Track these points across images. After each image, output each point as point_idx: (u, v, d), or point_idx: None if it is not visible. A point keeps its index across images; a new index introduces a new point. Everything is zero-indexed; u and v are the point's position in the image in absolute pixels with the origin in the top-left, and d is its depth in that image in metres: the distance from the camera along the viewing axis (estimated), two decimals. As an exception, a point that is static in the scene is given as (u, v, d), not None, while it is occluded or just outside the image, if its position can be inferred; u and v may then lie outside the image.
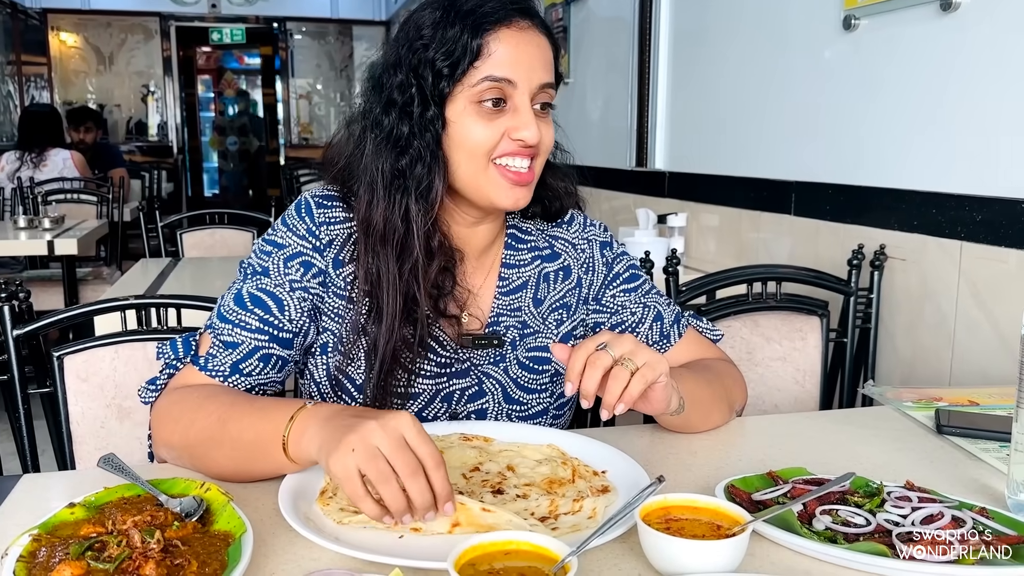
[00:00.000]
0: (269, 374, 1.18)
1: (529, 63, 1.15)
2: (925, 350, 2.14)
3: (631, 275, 1.38)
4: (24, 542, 0.80)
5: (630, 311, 1.35)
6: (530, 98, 1.15)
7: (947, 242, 2.04)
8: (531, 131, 1.14)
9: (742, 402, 1.38)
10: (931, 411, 1.37)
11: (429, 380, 1.25)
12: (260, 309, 1.17)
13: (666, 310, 1.36)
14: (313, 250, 1.21)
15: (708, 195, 3.21)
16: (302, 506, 0.95)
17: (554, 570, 0.75)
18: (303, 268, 1.20)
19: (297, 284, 1.19)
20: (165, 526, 0.83)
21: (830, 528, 0.90)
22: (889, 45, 2.23)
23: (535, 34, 1.17)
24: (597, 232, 1.39)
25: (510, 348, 1.28)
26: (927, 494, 0.97)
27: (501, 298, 1.30)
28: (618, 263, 1.38)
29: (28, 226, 4.18)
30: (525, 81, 1.14)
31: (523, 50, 1.15)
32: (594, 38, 4.31)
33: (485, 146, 1.14)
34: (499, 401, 1.28)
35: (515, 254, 1.33)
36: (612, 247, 1.39)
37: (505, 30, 1.14)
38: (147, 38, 10.13)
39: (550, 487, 1.02)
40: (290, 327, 1.19)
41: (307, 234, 1.21)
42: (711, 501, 0.89)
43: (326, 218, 1.22)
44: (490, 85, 1.13)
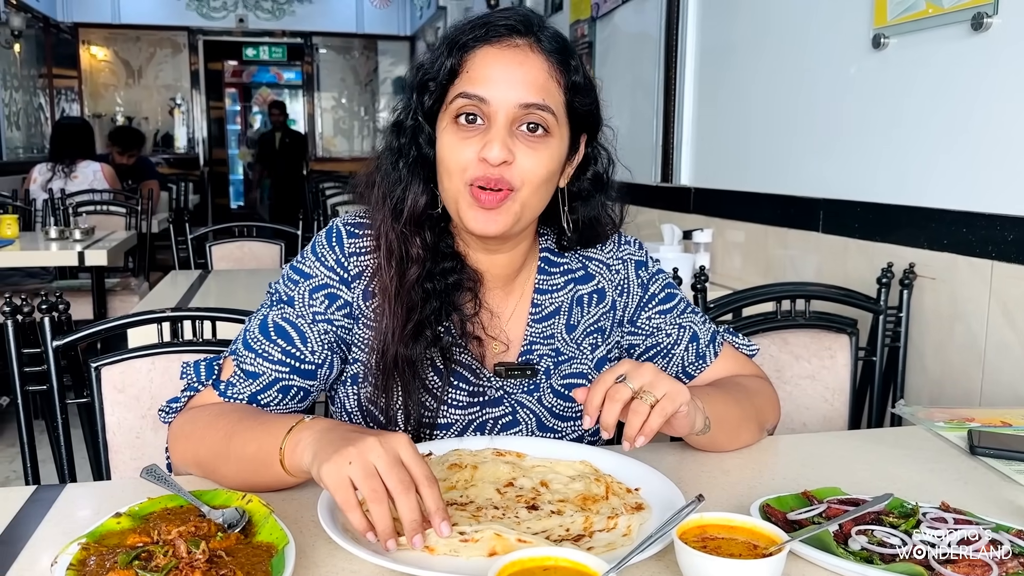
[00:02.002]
0: (289, 404, 1.19)
1: (508, 81, 1.11)
2: (955, 370, 2.13)
3: (667, 295, 1.36)
4: (73, 551, 0.82)
5: (665, 332, 1.33)
6: (509, 119, 1.11)
7: (978, 261, 2.03)
8: (492, 148, 1.09)
9: (774, 421, 1.36)
10: (963, 431, 1.36)
11: (461, 410, 1.24)
12: (283, 340, 1.18)
13: (701, 329, 1.35)
14: (340, 282, 1.21)
15: (734, 211, 3.20)
16: (340, 518, 0.96)
17: (593, 586, 0.76)
18: (328, 300, 1.20)
19: (321, 316, 1.19)
20: (209, 537, 0.85)
21: (866, 548, 0.90)
22: (919, 64, 2.23)
23: (527, 52, 1.13)
24: (632, 251, 1.36)
25: (544, 377, 1.27)
26: (963, 515, 0.97)
27: (534, 325, 1.29)
28: (654, 283, 1.36)
29: (59, 237, 4.24)
30: (501, 100, 1.11)
31: (503, 68, 1.12)
32: (619, 54, 4.33)
33: (458, 164, 1.12)
34: (533, 430, 1.27)
35: (548, 279, 1.31)
36: (648, 267, 1.37)
37: (487, 48, 1.13)
38: (175, 52, 10.29)
39: (584, 504, 1.03)
40: (312, 359, 1.18)
41: (335, 265, 1.21)
42: (747, 520, 0.89)
43: (356, 248, 1.22)
44: (464, 102, 1.12)
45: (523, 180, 1.13)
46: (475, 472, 1.10)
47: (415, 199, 1.18)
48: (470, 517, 0.98)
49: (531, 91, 1.11)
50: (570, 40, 1.24)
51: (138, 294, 4.55)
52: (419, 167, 1.19)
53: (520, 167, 1.12)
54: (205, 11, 10.30)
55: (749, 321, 1.91)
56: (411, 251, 1.18)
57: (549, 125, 1.13)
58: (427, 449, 1.17)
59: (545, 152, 1.14)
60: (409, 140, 1.19)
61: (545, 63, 1.13)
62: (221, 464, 1.08)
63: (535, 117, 1.12)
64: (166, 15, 10.13)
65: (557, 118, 1.14)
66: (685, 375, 1.33)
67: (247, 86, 12.36)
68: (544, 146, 1.13)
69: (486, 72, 1.12)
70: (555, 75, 1.14)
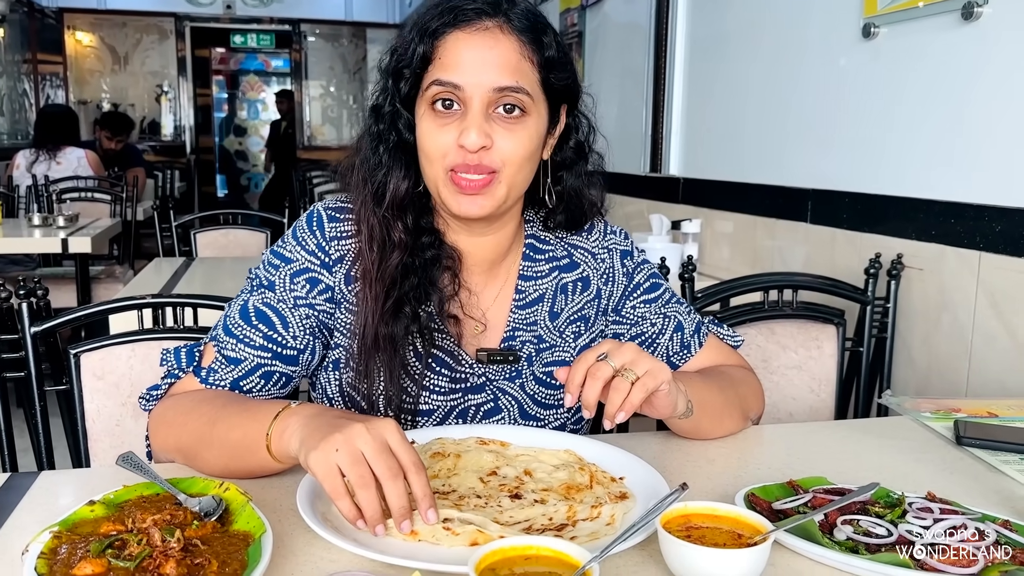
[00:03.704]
0: (271, 390, 1.18)
1: (480, 66, 1.10)
2: (941, 361, 2.13)
3: (651, 284, 1.35)
4: (44, 539, 0.80)
5: (650, 322, 1.33)
6: (485, 103, 1.10)
7: (966, 252, 2.03)
8: (469, 134, 1.09)
9: (758, 411, 1.36)
10: (950, 422, 1.36)
11: (443, 396, 1.24)
12: (264, 325, 1.17)
13: (687, 319, 1.34)
14: (321, 266, 1.20)
15: (723, 202, 3.20)
16: (319, 507, 0.95)
17: (576, 574, 0.75)
18: (309, 285, 1.20)
19: (302, 301, 1.19)
20: (184, 525, 0.83)
21: (851, 538, 0.89)
22: (909, 54, 2.22)
23: (497, 35, 1.11)
24: (618, 240, 1.36)
25: (526, 364, 1.27)
26: (949, 505, 0.97)
27: (517, 312, 1.28)
28: (639, 272, 1.35)
29: (43, 224, 4.20)
30: (474, 85, 1.10)
31: (474, 53, 1.11)
32: (609, 43, 4.31)
33: (437, 151, 1.12)
34: (515, 417, 1.27)
35: (533, 265, 1.30)
36: (633, 256, 1.36)
37: (457, 33, 1.12)
38: (162, 38, 10.18)
39: (568, 493, 1.02)
40: (294, 344, 1.18)
41: (316, 249, 1.21)
42: (732, 509, 0.89)
43: (337, 232, 1.22)
44: (438, 89, 1.11)
45: (504, 161, 1.13)
46: (458, 461, 1.09)
47: (396, 184, 1.18)
48: (452, 506, 0.97)
49: (504, 74, 1.11)
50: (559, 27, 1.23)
51: (123, 282, 4.51)
52: (399, 152, 1.19)
53: (500, 149, 1.12)
54: (192, -3, 10.22)
55: (736, 311, 1.91)
56: (393, 236, 1.18)
57: (525, 105, 1.12)
58: (410, 437, 1.15)
59: (523, 132, 1.13)
60: (388, 126, 1.19)
61: (516, 43, 1.12)
62: (204, 450, 1.07)
63: (510, 99, 1.11)
64: (153, 1, 10.03)
65: (533, 97, 1.13)
66: (670, 365, 1.32)
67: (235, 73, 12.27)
68: (522, 126, 1.13)
69: (458, 58, 1.11)
70: (527, 54, 1.13)
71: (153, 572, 0.75)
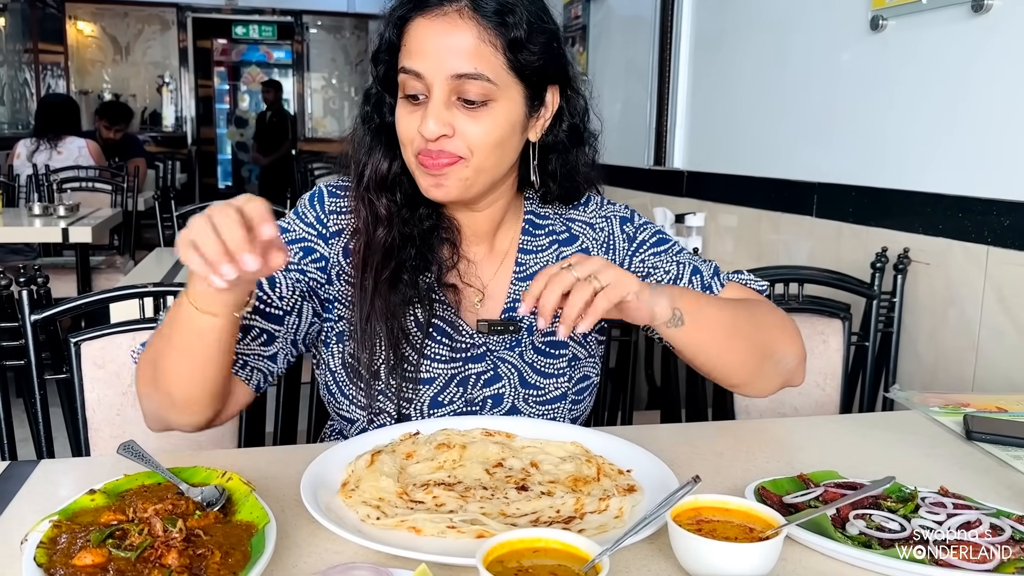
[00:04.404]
0: (251, 345, 1.18)
1: (437, 53, 1.09)
2: (948, 356, 2.11)
3: (658, 240, 1.33)
4: (44, 528, 0.79)
5: (663, 271, 1.30)
6: (446, 91, 1.10)
7: (973, 246, 2.02)
8: (427, 123, 1.09)
9: (789, 353, 1.26)
10: (959, 417, 1.34)
11: (444, 364, 1.24)
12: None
13: (703, 265, 1.31)
14: (318, 237, 1.24)
15: (727, 195, 3.18)
16: (323, 497, 0.93)
17: (585, 569, 0.74)
18: (304, 253, 1.23)
19: (294, 266, 1.21)
20: (186, 515, 0.82)
21: (864, 533, 0.88)
22: (917, 46, 2.20)
23: (455, 20, 1.09)
24: (616, 209, 1.35)
25: (526, 334, 1.27)
26: (962, 501, 0.95)
27: (518, 283, 1.28)
28: (642, 232, 1.33)
29: (43, 213, 4.17)
30: (434, 72, 1.09)
31: (433, 39, 1.10)
32: (613, 36, 4.29)
33: (406, 136, 1.14)
34: (515, 386, 1.26)
35: (532, 240, 1.30)
36: (633, 221, 1.34)
37: (420, 19, 1.11)
38: (164, 29, 10.16)
39: (575, 485, 1.00)
40: (279, 304, 1.19)
41: (315, 222, 1.25)
42: (743, 503, 0.87)
43: (336, 207, 1.26)
44: (404, 77, 1.12)
45: (471, 148, 1.12)
46: (464, 452, 1.07)
47: (376, 163, 1.21)
48: (458, 497, 0.95)
49: (462, 60, 1.09)
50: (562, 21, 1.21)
51: (123, 272, 4.50)
52: (382, 133, 1.21)
53: (465, 136, 1.12)
54: (194, -13, 10.18)
55: (742, 304, 1.89)
56: (379, 212, 1.20)
57: (487, 92, 1.11)
58: (415, 428, 1.14)
59: (488, 119, 1.12)
60: (373, 108, 1.22)
61: (476, 27, 1.09)
62: (162, 359, 1.06)
63: (470, 87, 1.10)
64: (155, -9, 10.00)
65: (497, 82, 1.11)
66: None
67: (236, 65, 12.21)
68: (487, 113, 1.12)
69: (419, 45, 1.11)
70: (488, 38, 1.10)
71: (154, 563, 0.73)
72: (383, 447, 1.08)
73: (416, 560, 0.78)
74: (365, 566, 0.76)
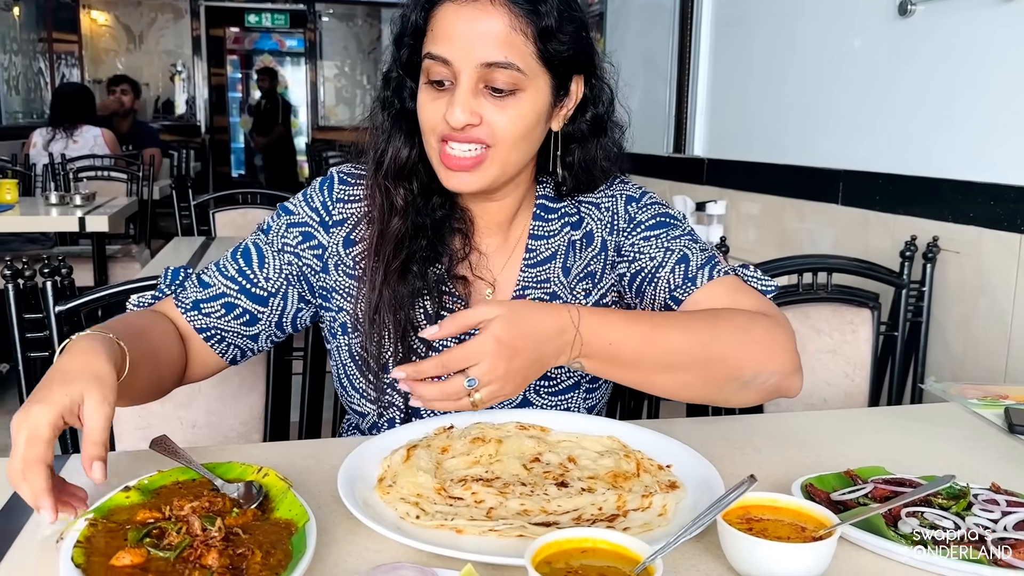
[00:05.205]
0: (231, 323, 1.19)
1: (467, 39, 1.06)
2: (979, 346, 2.08)
3: (656, 222, 1.26)
4: (80, 526, 0.77)
5: (649, 256, 1.23)
6: (474, 79, 1.07)
7: (1005, 235, 1.98)
8: (453, 112, 1.06)
9: (772, 369, 1.13)
10: (999, 409, 1.31)
11: None
12: (243, 260, 1.21)
13: (696, 253, 1.22)
14: (320, 224, 1.22)
15: (749, 183, 3.14)
16: (360, 492, 0.91)
17: (637, 571, 0.71)
18: (302, 237, 1.22)
19: (289, 248, 1.21)
20: (224, 513, 0.80)
21: (918, 532, 0.85)
22: (947, 32, 2.16)
23: (486, 7, 1.06)
24: (625, 188, 1.29)
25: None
26: (1016, 497, 0.92)
27: (527, 270, 1.25)
28: (643, 212, 1.27)
29: (59, 202, 4.16)
30: (462, 60, 1.06)
31: (463, 25, 1.06)
32: (631, 22, 4.24)
33: (429, 123, 1.11)
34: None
35: (544, 225, 1.26)
36: (639, 201, 1.28)
37: (449, 3, 1.08)
38: (177, 17, 10.14)
39: (615, 481, 0.98)
40: (264, 285, 1.20)
41: (320, 207, 1.23)
42: (793, 501, 0.84)
43: (345, 196, 1.24)
44: (429, 63, 1.09)
45: (496, 138, 1.10)
46: (499, 447, 1.05)
47: (396, 151, 1.18)
48: (497, 493, 0.93)
49: (492, 48, 1.06)
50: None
51: (139, 261, 4.49)
52: (402, 119, 1.18)
53: (491, 125, 1.09)
54: (207, -24, 10.15)
55: (771, 294, 1.86)
56: (395, 201, 1.18)
57: (517, 81, 1.08)
58: (448, 422, 1.12)
59: (515, 109, 1.09)
60: (393, 92, 1.19)
61: (507, 15, 1.06)
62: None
63: (499, 76, 1.07)
64: (167, -21, 9.99)
65: (527, 72, 1.08)
66: (671, 299, 1.21)
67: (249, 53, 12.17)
68: (514, 103, 1.09)
69: (448, 30, 1.07)
70: (519, 26, 1.06)
71: (194, 563, 0.71)
72: (418, 441, 1.06)
73: (461, 560, 0.76)
74: (411, 566, 0.74)
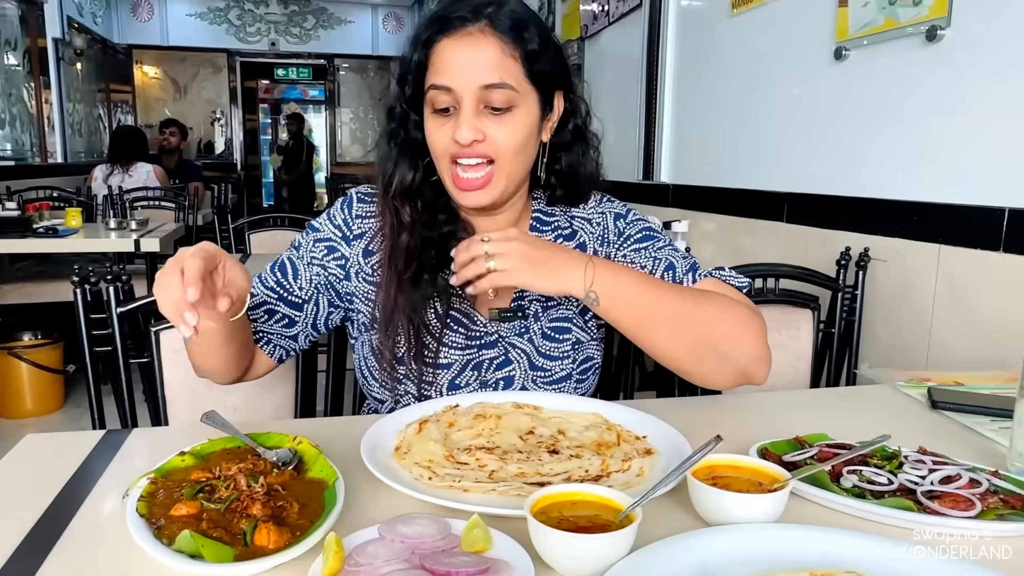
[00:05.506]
0: (274, 327, 1.20)
1: (468, 68, 1.07)
2: (903, 340, 2.09)
3: (643, 236, 1.26)
4: (143, 484, 0.77)
5: (639, 265, 1.23)
6: (475, 101, 1.08)
7: (925, 245, 1.99)
8: (461, 131, 1.07)
9: (744, 350, 1.12)
10: (922, 389, 1.32)
11: (460, 351, 1.21)
12: (280, 273, 1.22)
13: (680, 262, 1.22)
14: (342, 238, 1.23)
15: (708, 204, 3.16)
16: (380, 458, 0.91)
17: (621, 517, 0.72)
18: (327, 251, 1.23)
19: (317, 261, 1.22)
20: (265, 473, 0.80)
21: (857, 486, 0.86)
22: (875, 73, 2.18)
23: (479, 38, 1.07)
24: (614, 206, 1.30)
25: (533, 320, 1.23)
26: (940, 458, 0.93)
27: None
28: (631, 227, 1.27)
29: (118, 227, 4.16)
30: (463, 86, 1.07)
31: (460, 56, 1.07)
32: (606, 70, 4.27)
33: (439, 146, 1.12)
34: (524, 368, 1.23)
35: (539, 235, 1.26)
36: (626, 217, 1.28)
37: (446, 40, 1.09)
38: (216, 71, 10.15)
39: (599, 449, 0.98)
40: (299, 293, 1.21)
41: (342, 224, 1.24)
42: (751, 461, 0.85)
43: (363, 212, 1.24)
44: (434, 93, 1.10)
45: (498, 151, 1.11)
46: (499, 422, 1.05)
47: (403, 175, 1.18)
48: (498, 460, 0.93)
49: (488, 72, 1.07)
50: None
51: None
52: (408, 147, 1.18)
53: (493, 140, 1.10)
54: (242, 36, 10.16)
55: (728, 296, 1.86)
56: (403, 219, 1.18)
57: (511, 99, 1.09)
58: (454, 401, 1.12)
59: (512, 123, 1.10)
60: (398, 125, 1.19)
61: (498, 43, 1.08)
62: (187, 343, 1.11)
63: (496, 95, 1.08)
64: (208, 39, 9.99)
65: (519, 90, 1.09)
66: None
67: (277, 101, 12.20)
68: (511, 118, 1.10)
69: (447, 62, 1.09)
70: (509, 51, 1.08)
71: (241, 513, 0.71)
72: (428, 417, 1.06)
73: (468, 512, 0.76)
74: (425, 516, 0.74)
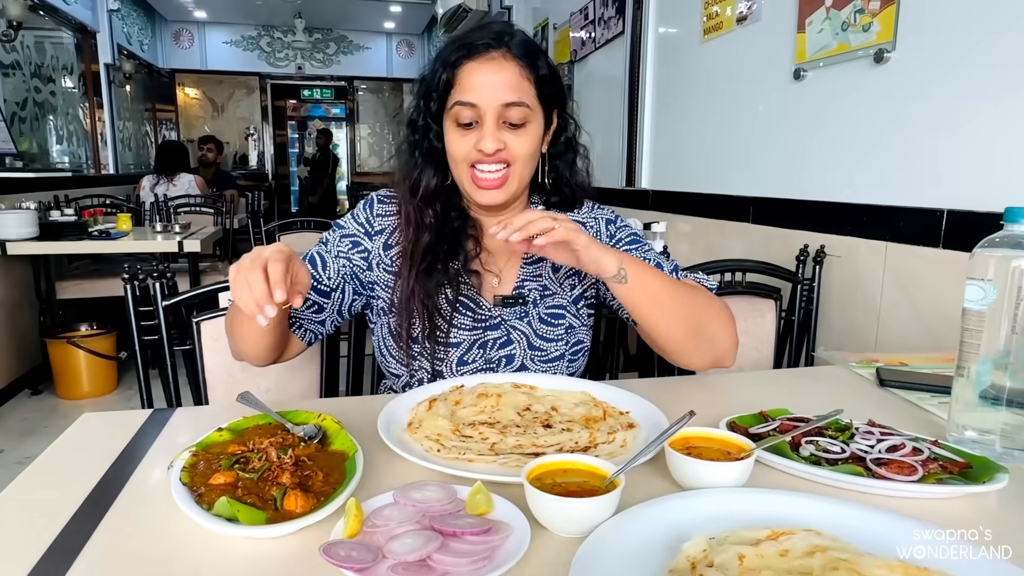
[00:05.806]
0: (305, 313, 1.21)
1: (492, 88, 1.10)
2: (855, 326, 2.09)
3: (631, 239, 1.29)
4: (185, 456, 0.77)
5: None
6: (496, 116, 1.10)
7: (875, 243, 1.99)
8: (485, 142, 1.10)
9: (724, 337, 1.17)
10: (871, 369, 1.32)
11: (468, 332, 1.22)
12: (311, 264, 1.23)
13: (666, 263, 1.26)
14: (364, 234, 1.25)
15: (683, 208, 3.15)
16: (394, 433, 0.91)
17: (606, 483, 0.72)
18: (352, 245, 1.24)
19: (343, 254, 1.23)
20: (293, 446, 0.80)
21: (814, 455, 0.86)
22: (830, 91, 2.17)
23: (501, 62, 1.11)
24: (604, 213, 1.34)
25: (532, 306, 1.25)
26: (887, 430, 0.93)
27: (526, 267, 1.27)
28: (620, 232, 1.31)
29: (163, 230, 4.16)
30: (487, 103, 1.10)
31: (486, 77, 1.10)
32: (593, 89, 4.25)
33: (461, 154, 1.14)
34: (524, 348, 1.24)
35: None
36: (616, 223, 1.32)
37: (471, 63, 1.11)
38: (249, 92, 10.12)
39: (587, 423, 0.98)
40: (327, 282, 1.21)
41: (365, 222, 1.26)
42: (720, 433, 0.85)
43: (383, 211, 1.26)
44: (459, 108, 1.11)
45: (515, 157, 1.14)
46: (499, 400, 1.05)
47: (428, 180, 1.20)
48: (498, 433, 0.93)
49: (509, 92, 1.11)
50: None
51: (224, 274, 4.46)
52: (430, 155, 1.20)
53: (511, 149, 1.13)
54: (272, 60, 10.13)
55: (701, 288, 1.86)
56: (424, 220, 1.20)
57: (526, 115, 1.12)
58: (460, 382, 1.12)
59: (526, 136, 1.14)
60: (421, 135, 1.20)
61: (517, 67, 1.12)
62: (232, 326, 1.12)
63: (515, 112, 1.11)
64: (242, 63, 9.97)
65: (532, 107, 1.13)
66: None
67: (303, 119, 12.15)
68: (525, 132, 1.14)
69: (472, 83, 1.10)
70: (525, 75, 1.12)
71: (273, 481, 0.71)
72: (437, 396, 1.06)
73: (472, 479, 0.76)
74: (434, 483, 0.74)
